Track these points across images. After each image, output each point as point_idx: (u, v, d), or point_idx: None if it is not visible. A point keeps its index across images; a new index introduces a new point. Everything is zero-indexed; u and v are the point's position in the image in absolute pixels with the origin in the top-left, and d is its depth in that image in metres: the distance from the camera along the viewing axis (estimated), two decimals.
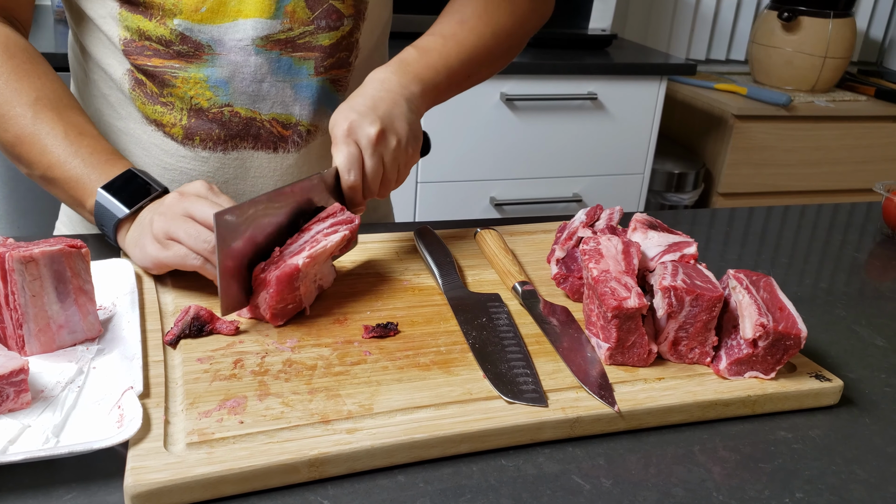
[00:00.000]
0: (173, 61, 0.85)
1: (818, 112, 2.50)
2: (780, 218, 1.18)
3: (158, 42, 0.84)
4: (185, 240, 0.71)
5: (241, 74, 0.86)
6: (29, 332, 0.65)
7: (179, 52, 0.84)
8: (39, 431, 0.57)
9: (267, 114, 0.89)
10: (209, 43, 0.84)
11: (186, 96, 0.86)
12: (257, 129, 0.89)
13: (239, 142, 0.89)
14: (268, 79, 0.87)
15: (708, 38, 2.88)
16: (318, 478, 0.56)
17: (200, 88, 0.86)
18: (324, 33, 0.87)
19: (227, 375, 0.64)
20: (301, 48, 0.86)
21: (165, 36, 0.83)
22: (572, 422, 0.62)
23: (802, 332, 0.67)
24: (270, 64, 0.86)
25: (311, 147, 0.93)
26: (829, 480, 0.61)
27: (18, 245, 0.65)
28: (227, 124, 0.88)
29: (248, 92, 0.87)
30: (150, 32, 0.84)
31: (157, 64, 0.85)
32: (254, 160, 0.91)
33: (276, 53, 0.86)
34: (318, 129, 0.92)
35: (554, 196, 2.27)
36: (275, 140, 0.90)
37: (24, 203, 1.82)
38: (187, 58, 0.85)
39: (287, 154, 0.91)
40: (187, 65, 0.85)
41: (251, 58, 0.85)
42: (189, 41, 0.84)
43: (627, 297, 0.68)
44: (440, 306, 0.77)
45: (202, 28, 0.83)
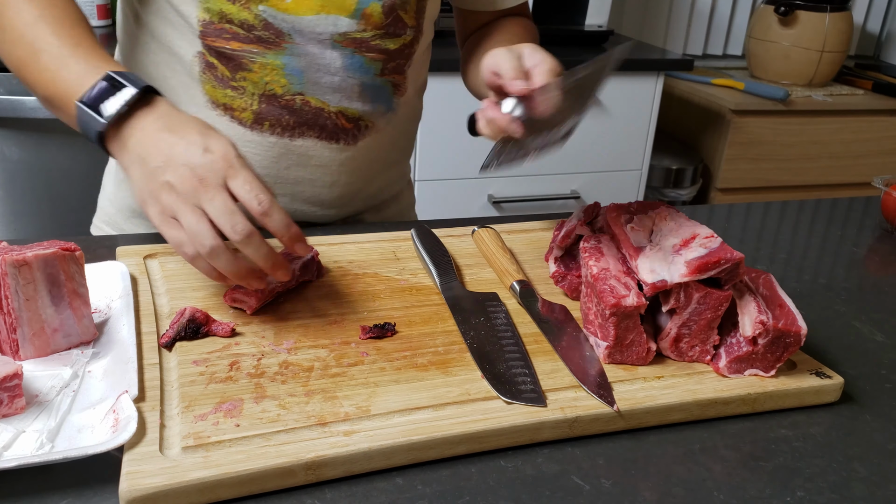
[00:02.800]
0: (252, 46, 0.87)
1: (815, 106, 2.49)
2: (778, 213, 1.17)
3: (240, 26, 0.86)
4: (187, 230, 0.67)
5: (316, 66, 0.89)
6: (23, 337, 0.65)
7: (260, 37, 0.86)
8: (34, 437, 0.57)
9: (335, 106, 0.92)
10: (290, 32, 0.86)
11: (262, 81, 0.88)
12: (324, 119, 0.92)
13: (306, 130, 0.92)
14: (340, 73, 0.90)
15: (705, 33, 2.88)
16: (315, 481, 0.56)
17: (276, 75, 0.88)
18: (390, 39, 0.91)
19: (223, 378, 0.63)
20: (372, 49, 0.90)
21: (248, 20, 0.85)
22: (571, 422, 0.62)
23: (802, 329, 0.66)
24: (344, 59, 0.89)
25: (366, 142, 0.96)
26: (830, 478, 0.60)
27: (12, 248, 0.64)
28: (298, 112, 0.91)
29: (320, 83, 0.90)
30: (233, 16, 0.85)
31: (235, 47, 0.87)
32: (316, 149, 0.93)
33: (350, 51, 0.89)
34: (374, 126, 0.96)
35: (552, 193, 2.27)
36: (338, 132, 0.93)
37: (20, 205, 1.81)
38: (267, 44, 0.87)
39: (346, 146, 0.95)
40: (266, 51, 0.87)
41: (328, 51, 0.88)
42: (271, 28, 0.86)
43: (626, 294, 0.67)
44: (438, 306, 0.77)
45: (286, 17, 0.85)
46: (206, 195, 0.65)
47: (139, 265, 0.79)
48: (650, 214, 0.74)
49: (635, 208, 0.76)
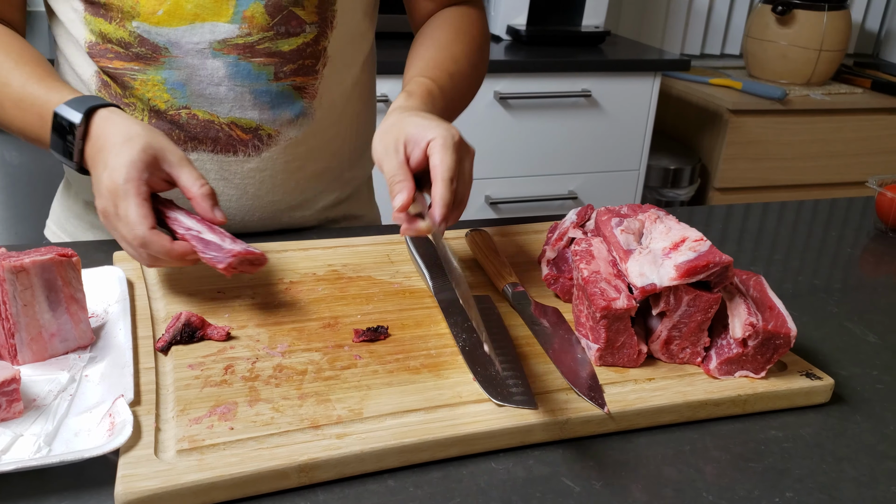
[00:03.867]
0: (133, 63, 0.86)
1: (814, 105, 2.50)
2: (776, 214, 1.18)
3: (118, 44, 0.85)
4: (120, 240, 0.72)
5: (197, 77, 0.87)
6: (21, 342, 0.65)
7: (138, 54, 0.85)
8: (31, 440, 0.57)
9: (225, 117, 0.89)
10: (166, 45, 0.85)
11: (145, 98, 0.87)
12: (216, 131, 0.89)
13: (198, 144, 0.90)
14: (225, 82, 0.87)
15: (702, 33, 2.88)
16: (308, 483, 0.57)
17: (158, 90, 0.87)
18: (283, 39, 0.87)
19: (217, 381, 0.64)
20: (260, 54, 0.87)
21: (125, 38, 0.85)
22: (562, 424, 0.62)
23: (792, 331, 0.67)
24: (228, 68, 0.87)
25: (274, 152, 0.93)
26: (820, 479, 0.61)
27: (9, 255, 0.65)
28: (185, 126, 0.89)
29: (205, 95, 0.88)
30: (111, 35, 0.85)
31: (118, 66, 0.86)
32: (213, 163, 0.91)
33: (234, 58, 0.86)
34: (281, 134, 0.92)
35: (549, 194, 2.27)
36: (234, 143, 0.90)
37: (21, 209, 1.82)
38: (145, 60, 0.86)
39: (248, 158, 0.92)
40: (146, 67, 0.86)
41: (208, 61, 0.86)
42: (147, 43, 0.85)
43: (616, 297, 0.68)
44: (431, 309, 0.77)
45: (159, 31, 0.84)
46: (110, 225, 0.72)
47: (136, 270, 0.80)
48: (640, 217, 0.75)
49: (626, 211, 0.77)
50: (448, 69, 0.89)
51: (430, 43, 0.94)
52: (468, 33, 0.95)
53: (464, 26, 0.96)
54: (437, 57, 0.90)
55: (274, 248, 0.88)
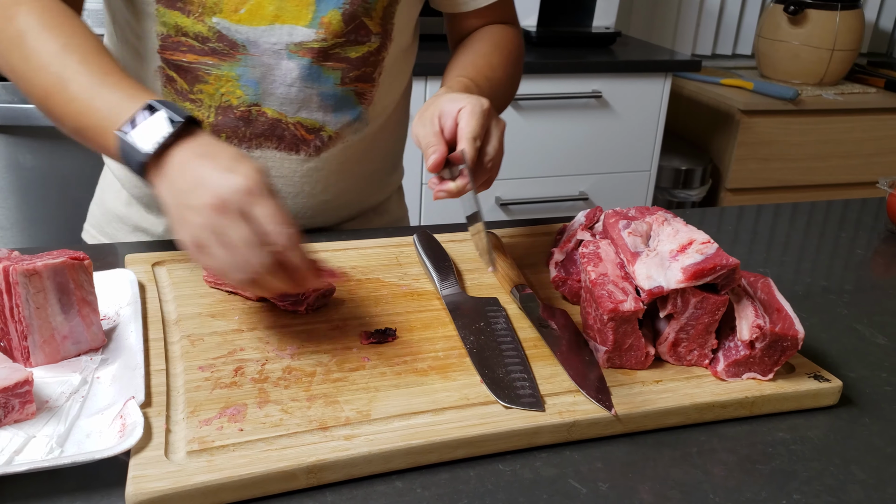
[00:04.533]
0: (207, 58, 0.87)
1: (826, 105, 2.49)
2: (788, 215, 1.18)
3: (195, 38, 0.86)
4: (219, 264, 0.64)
5: (271, 77, 0.89)
6: (34, 344, 0.66)
7: (214, 49, 0.87)
8: (44, 442, 0.58)
9: (293, 117, 0.92)
10: (244, 43, 0.87)
11: (217, 93, 0.89)
12: (282, 130, 0.92)
13: (263, 141, 0.92)
14: (297, 84, 0.90)
15: (714, 33, 2.87)
16: (316, 484, 0.57)
17: (231, 87, 0.89)
18: (352, 47, 0.90)
19: (227, 383, 0.65)
20: (331, 58, 0.90)
21: (202, 33, 0.86)
22: (569, 426, 0.62)
23: (799, 333, 0.67)
24: (301, 70, 0.89)
25: (331, 153, 0.96)
26: (827, 481, 0.61)
27: (22, 258, 0.66)
28: (254, 123, 0.91)
29: (276, 94, 0.90)
30: (188, 29, 0.86)
31: (191, 60, 0.88)
32: (275, 160, 0.94)
33: (307, 61, 0.89)
34: (339, 136, 0.95)
35: (560, 195, 2.27)
36: (297, 142, 0.93)
37: (34, 212, 1.84)
38: (221, 55, 0.87)
39: (308, 157, 0.94)
40: (220, 62, 0.87)
41: (283, 62, 0.88)
42: (225, 39, 0.86)
43: (624, 300, 0.68)
44: (439, 311, 0.78)
45: (239, 28, 0.86)
46: (228, 223, 0.62)
47: (147, 272, 0.81)
48: (648, 220, 0.75)
49: (634, 213, 0.77)
50: (486, 74, 0.92)
51: (469, 52, 0.98)
52: (505, 48, 1.00)
53: (502, 41, 1.01)
54: (476, 62, 0.95)
55: None
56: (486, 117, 0.77)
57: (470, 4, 1.02)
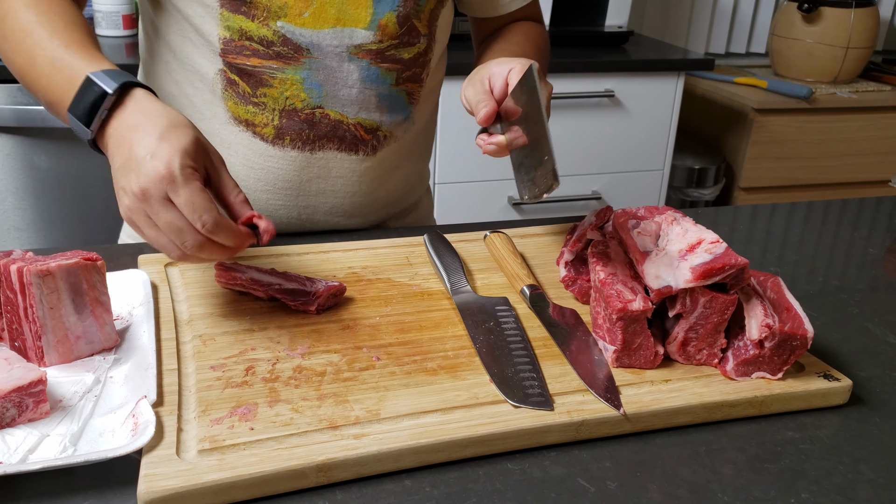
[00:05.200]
0: (272, 62, 0.89)
1: (840, 104, 2.47)
2: (802, 214, 1.17)
3: (260, 42, 0.88)
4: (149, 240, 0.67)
5: (334, 79, 0.91)
6: (48, 344, 0.67)
7: (279, 53, 0.88)
8: (57, 440, 0.59)
9: (353, 118, 0.94)
10: (308, 46, 0.88)
11: (282, 97, 0.90)
12: (343, 131, 0.94)
13: (326, 142, 0.94)
14: (357, 85, 0.92)
15: (727, 31, 2.86)
16: (326, 483, 0.58)
17: (296, 90, 0.90)
18: (405, 48, 0.93)
19: (238, 383, 0.65)
20: (387, 60, 0.92)
21: (267, 37, 0.87)
22: (577, 425, 0.63)
23: (809, 332, 0.67)
24: (361, 71, 0.91)
25: (386, 152, 0.98)
26: (836, 480, 0.61)
27: (36, 259, 0.67)
28: (317, 125, 0.93)
29: (338, 96, 0.92)
30: (252, 33, 0.87)
31: (255, 64, 0.89)
32: (336, 161, 0.96)
33: (366, 62, 0.91)
34: (392, 135, 0.98)
35: (573, 194, 2.27)
36: (357, 143, 0.95)
37: (50, 213, 1.86)
38: (286, 59, 0.89)
39: (366, 157, 0.97)
40: (285, 66, 0.89)
41: (345, 64, 0.90)
42: (290, 43, 0.88)
43: (633, 299, 0.68)
44: (449, 311, 0.78)
45: (303, 32, 0.87)
46: (150, 209, 0.64)
47: (160, 273, 0.82)
48: (657, 219, 0.75)
49: (643, 213, 0.77)
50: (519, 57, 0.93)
51: (502, 41, 1.01)
52: (535, 40, 1.03)
53: (532, 33, 1.03)
54: (510, 49, 0.97)
55: (294, 252, 0.89)
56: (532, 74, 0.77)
57: (501, 10, 1.04)
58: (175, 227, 0.64)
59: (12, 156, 1.79)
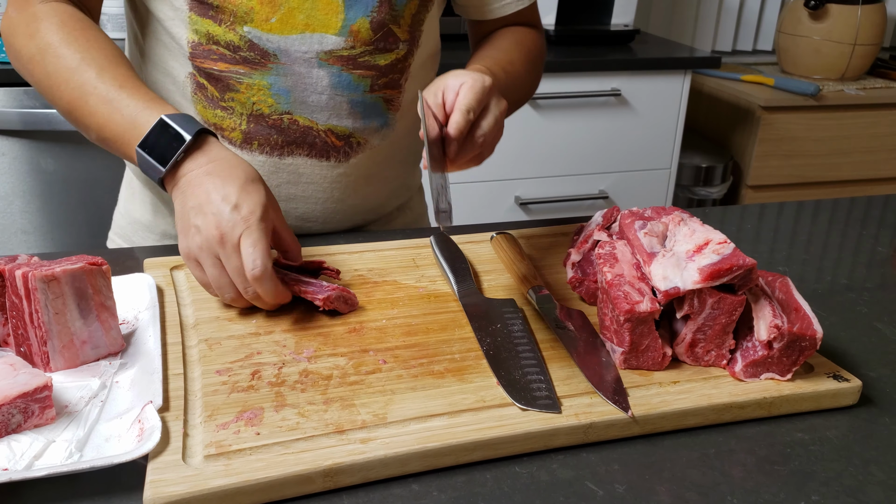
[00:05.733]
0: (239, 67, 0.88)
1: (848, 101, 2.46)
2: (810, 213, 1.16)
3: (226, 47, 0.87)
4: (210, 278, 0.74)
5: (302, 85, 0.90)
6: (53, 349, 0.67)
7: (246, 58, 0.88)
8: (63, 446, 0.59)
9: (324, 124, 0.93)
10: (275, 52, 0.87)
11: (248, 102, 0.90)
12: (313, 137, 0.93)
13: (295, 148, 0.93)
14: (327, 92, 0.90)
15: (734, 29, 2.85)
16: (332, 487, 0.57)
17: (263, 95, 0.89)
18: (381, 54, 0.91)
19: (244, 387, 0.65)
20: (360, 66, 0.90)
21: (234, 41, 0.87)
22: (586, 428, 0.62)
23: (818, 333, 0.66)
24: (331, 78, 0.90)
25: (360, 159, 0.97)
26: (846, 482, 0.60)
27: (41, 264, 0.67)
28: (286, 131, 0.92)
29: (307, 102, 0.91)
30: (219, 37, 0.87)
31: (222, 68, 0.88)
32: (306, 167, 0.95)
33: (337, 69, 0.89)
34: (368, 143, 0.96)
35: (580, 194, 2.27)
36: (328, 149, 0.94)
37: (56, 216, 1.86)
38: (253, 64, 0.88)
39: (338, 164, 0.96)
40: (252, 71, 0.88)
41: (314, 70, 0.89)
42: (256, 48, 0.87)
43: (640, 301, 0.68)
44: (455, 313, 0.78)
45: (270, 37, 0.87)
46: (223, 251, 0.72)
47: (166, 277, 0.82)
48: (664, 220, 0.75)
49: (650, 213, 0.77)
50: (504, 67, 0.92)
51: (489, 47, 1.00)
52: (526, 45, 1.01)
53: (524, 39, 1.02)
54: (495, 56, 0.95)
55: None
56: (484, 93, 0.77)
57: (496, 12, 1.02)
58: (240, 272, 0.72)
59: (19, 159, 1.79)
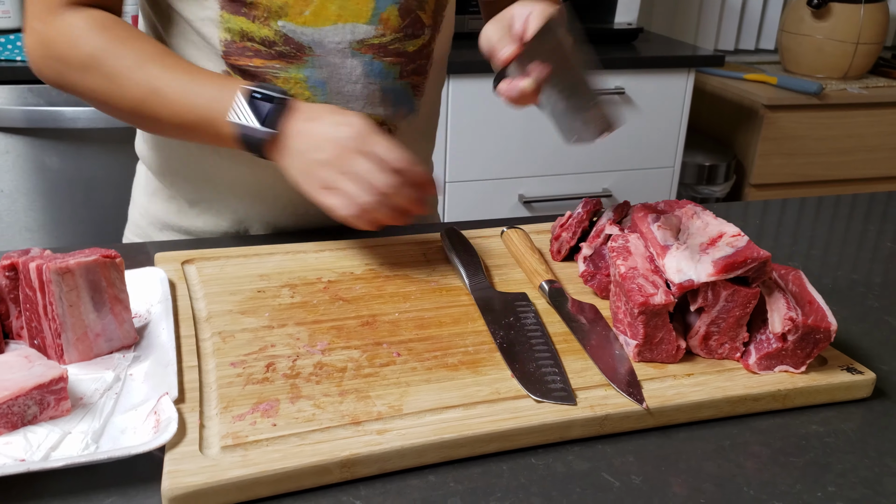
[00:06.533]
0: (275, 62, 0.88)
1: (851, 99, 2.46)
2: (813, 209, 1.16)
3: (261, 43, 0.87)
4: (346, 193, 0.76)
5: (337, 75, 0.90)
6: (67, 341, 0.67)
7: (281, 52, 0.88)
8: (79, 438, 0.59)
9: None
10: (310, 45, 0.88)
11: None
12: None
13: None
14: (361, 80, 0.91)
15: (736, 28, 2.85)
16: (349, 478, 0.57)
17: (300, 88, 0.89)
18: (409, 41, 0.91)
19: (259, 379, 0.65)
20: (391, 53, 0.91)
21: (269, 37, 0.87)
22: (601, 419, 0.62)
23: (832, 325, 0.66)
24: (364, 67, 0.90)
25: None
26: (863, 473, 0.60)
27: (55, 256, 0.67)
28: None
29: (343, 92, 0.91)
30: (254, 34, 0.87)
31: (258, 64, 0.88)
32: None
33: (369, 57, 0.90)
34: (397, 129, 0.97)
35: (583, 192, 2.27)
36: None
37: (60, 213, 1.86)
38: (288, 58, 0.88)
39: None
40: (288, 65, 0.88)
41: (348, 60, 0.89)
42: (292, 42, 0.87)
43: (654, 293, 0.68)
44: (468, 306, 0.78)
45: (304, 30, 0.87)
46: (350, 160, 0.76)
47: (177, 270, 0.82)
48: (677, 213, 0.75)
49: (663, 207, 0.77)
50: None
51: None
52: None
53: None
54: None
55: (311, 248, 0.89)
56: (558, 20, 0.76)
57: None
58: (370, 168, 0.76)
59: (23, 157, 1.79)
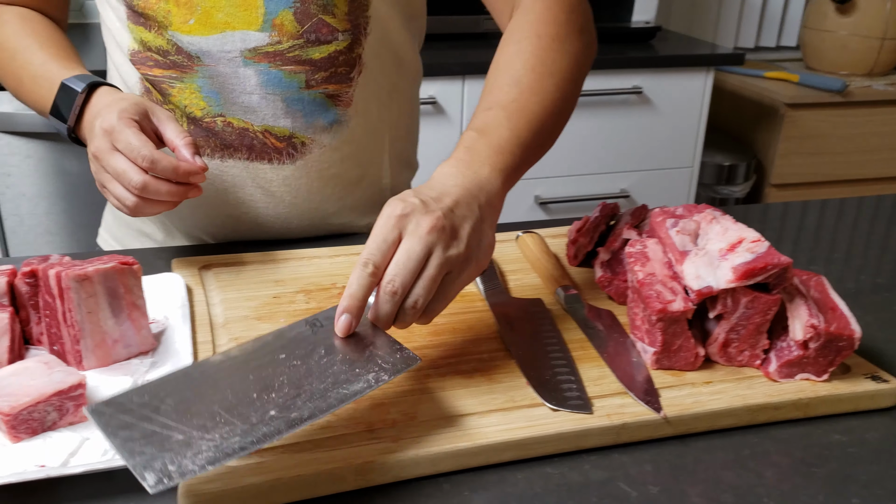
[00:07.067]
0: (170, 71, 0.88)
1: (876, 97, 2.43)
2: (835, 211, 1.15)
3: (157, 52, 0.88)
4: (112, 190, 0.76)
5: (230, 86, 0.87)
6: (86, 348, 0.67)
7: (174, 62, 0.87)
8: (98, 444, 0.59)
9: (259, 125, 0.89)
10: (198, 54, 0.86)
11: (181, 105, 0.89)
12: (250, 139, 0.90)
13: (234, 151, 0.91)
14: (258, 91, 0.88)
15: (757, 24, 2.82)
16: (364, 486, 0.57)
17: (194, 98, 0.89)
18: (314, 47, 0.87)
19: None
20: (291, 61, 0.87)
21: (163, 46, 0.87)
22: (618, 428, 0.62)
23: (856, 332, 0.65)
24: (259, 76, 0.87)
25: (309, 160, 0.92)
26: (888, 485, 0.59)
27: (73, 263, 0.67)
28: (221, 134, 0.90)
29: (238, 103, 0.88)
30: (151, 43, 0.87)
31: (157, 74, 0.89)
32: (248, 170, 0.92)
33: (265, 66, 0.86)
34: (315, 142, 0.92)
35: (601, 193, 2.25)
36: (268, 151, 0.91)
37: (81, 217, 1.87)
38: (182, 68, 0.88)
39: (282, 165, 0.92)
40: (182, 75, 0.88)
41: (240, 70, 0.87)
42: (182, 52, 0.87)
43: (672, 300, 0.67)
44: (482, 313, 0.77)
45: (191, 40, 0.86)
46: (104, 161, 0.75)
47: (194, 276, 0.82)
48: (696, 218, 0.74)
49: (681, 212, 0.76)
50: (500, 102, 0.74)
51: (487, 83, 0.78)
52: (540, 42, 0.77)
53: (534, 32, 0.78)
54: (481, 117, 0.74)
55: (325, 254, 0.89)
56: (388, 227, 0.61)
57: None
58: (120, 169, 0.74)
59: (44, 161, 1.81)
